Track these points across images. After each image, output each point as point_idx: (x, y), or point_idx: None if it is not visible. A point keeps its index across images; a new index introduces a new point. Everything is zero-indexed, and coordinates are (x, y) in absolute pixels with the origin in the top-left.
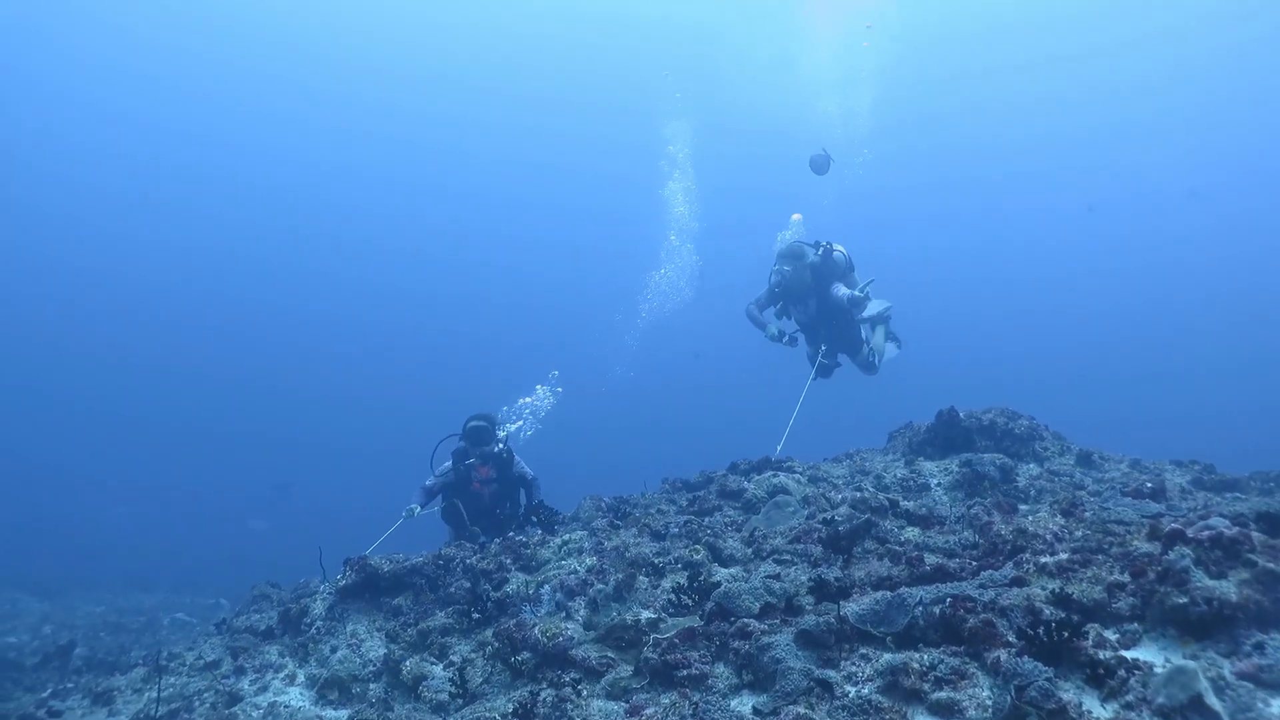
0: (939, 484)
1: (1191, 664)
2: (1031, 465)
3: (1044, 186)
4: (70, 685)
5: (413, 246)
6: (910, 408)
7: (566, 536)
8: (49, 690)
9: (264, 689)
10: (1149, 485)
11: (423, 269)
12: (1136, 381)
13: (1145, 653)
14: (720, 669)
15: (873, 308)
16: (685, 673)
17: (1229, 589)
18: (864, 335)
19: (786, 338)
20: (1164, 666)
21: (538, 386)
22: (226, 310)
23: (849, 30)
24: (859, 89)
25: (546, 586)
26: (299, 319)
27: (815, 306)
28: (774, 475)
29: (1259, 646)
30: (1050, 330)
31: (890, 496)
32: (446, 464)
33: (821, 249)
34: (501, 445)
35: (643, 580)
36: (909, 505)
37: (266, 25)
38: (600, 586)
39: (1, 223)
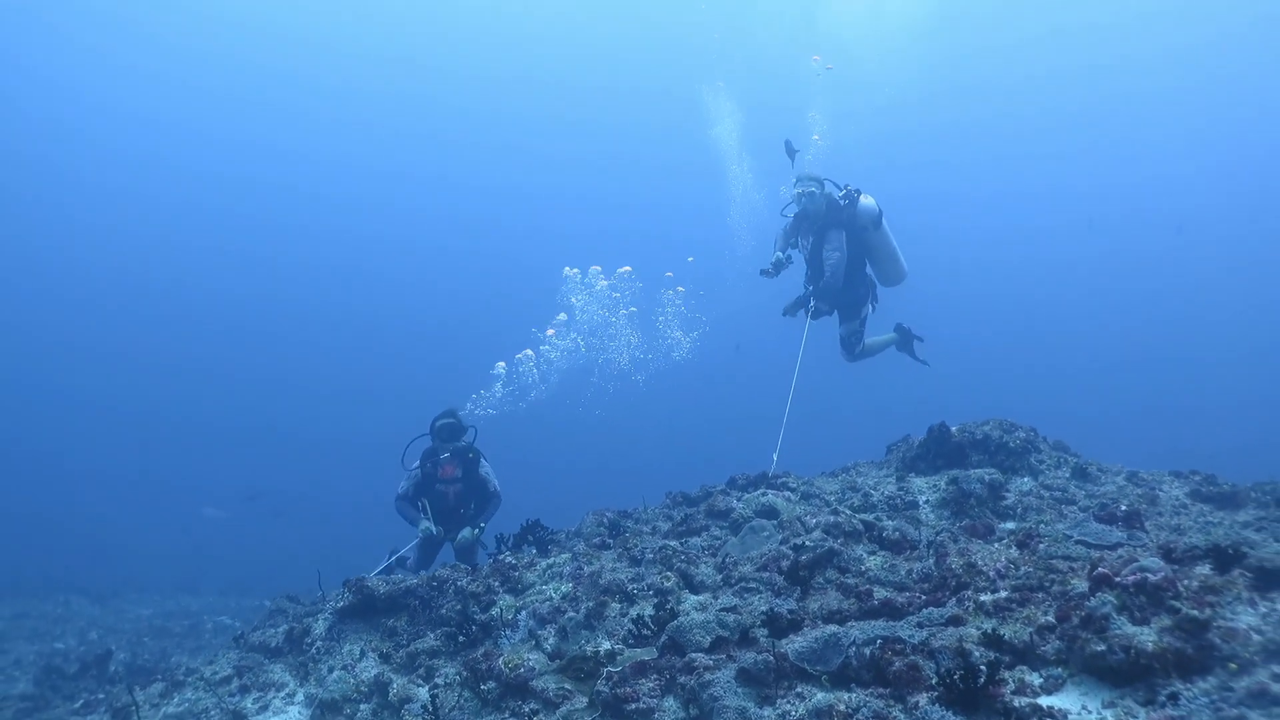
0: (927, 501)
1: None
2: (1025, 480)
3: (1060, 172)
4: (102, 695)
5: (416, 240)
6: (931, 399)
7: (553, 559)
8: (80, 701)
9: (265, 708)
10: (1122, 509)
11: (426, 263)
12: (1162, 373)
13: (1066, 699)
14: (669, 703)
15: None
16: (634, 706)
17: (1148, 637)
18: (864, 313)
19: (765, 268)
20: (1080, 714)
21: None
22: (223, 306)
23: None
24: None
25: (523, 613)
26: (297, 314)
27: (812, 246)
28: (763, 494)
29: (1174, 697)
30: (1071, 323)
31: (866, 519)
32: (415, 464)
33: (845, 192)
34: (467, 443)
35: (614, 607)
36: (888, 525)
37: (275, 20)
38: (571, 614)
39: None
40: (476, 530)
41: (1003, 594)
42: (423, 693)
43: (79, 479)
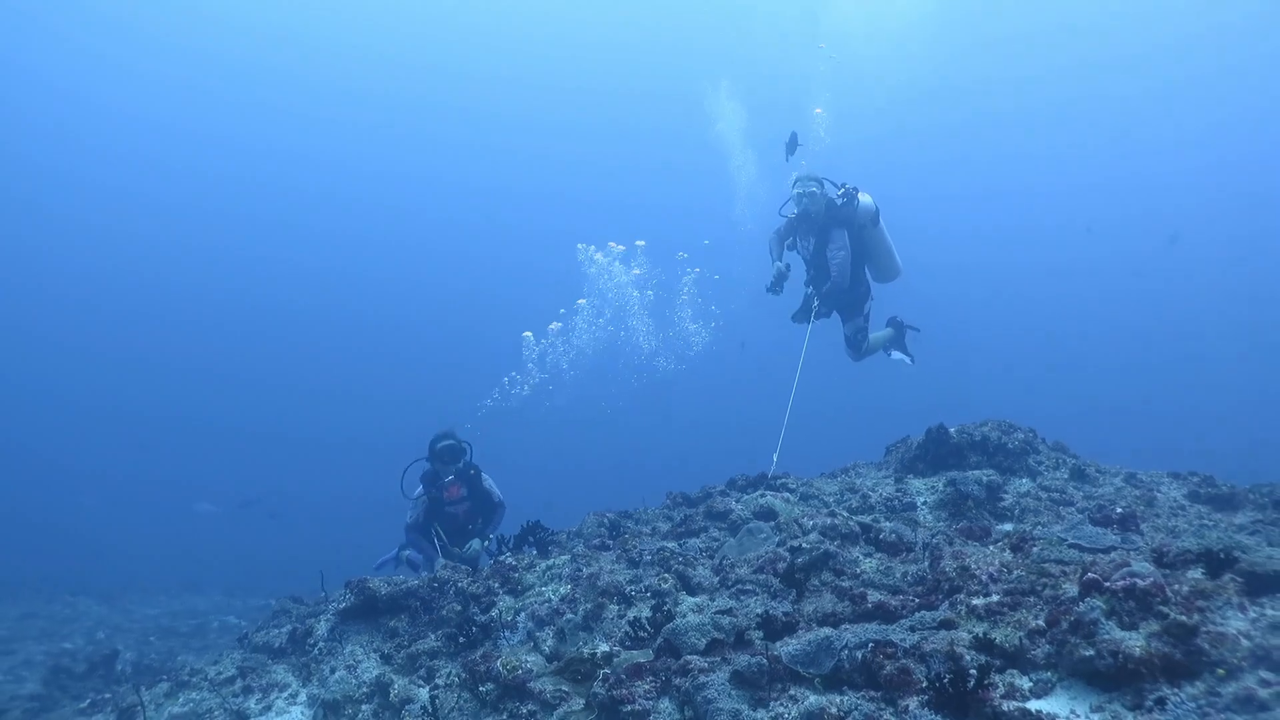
0: (925, 502)
1: None
2: (1024, 481)
3: (1063, 171)
4: (109, 695)
5: (418, 240)
6: (930, 399)
7: (552, 561)
8: (87, 700)
9: (268, 708)
10: (1118, 511)
11: (428, 263)
12: (1164, 373)
13: (1054, 703)
14: (664, 705)
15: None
16: (630, 708)
17: (1135, 642)
18: (866, 310)
19: (770, 285)
20: (1068, 718)
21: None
22: (223, 306)
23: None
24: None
25: (522, 614)
26: (296, 314)
27: (814, 247)
28: (762, 496)
29: (1160, 702)
30: (1074, 323)
31: (863, 521)
32: (418, 489)
33: (844, 191)
34: (466, 460)
35: (612, 609)
36: (885, 527)
37: (278, 21)
38: (570, 616)
39: None
40: (486, 542)
41: (995, 598)
42: (423, 694)
43: (77, 479)
